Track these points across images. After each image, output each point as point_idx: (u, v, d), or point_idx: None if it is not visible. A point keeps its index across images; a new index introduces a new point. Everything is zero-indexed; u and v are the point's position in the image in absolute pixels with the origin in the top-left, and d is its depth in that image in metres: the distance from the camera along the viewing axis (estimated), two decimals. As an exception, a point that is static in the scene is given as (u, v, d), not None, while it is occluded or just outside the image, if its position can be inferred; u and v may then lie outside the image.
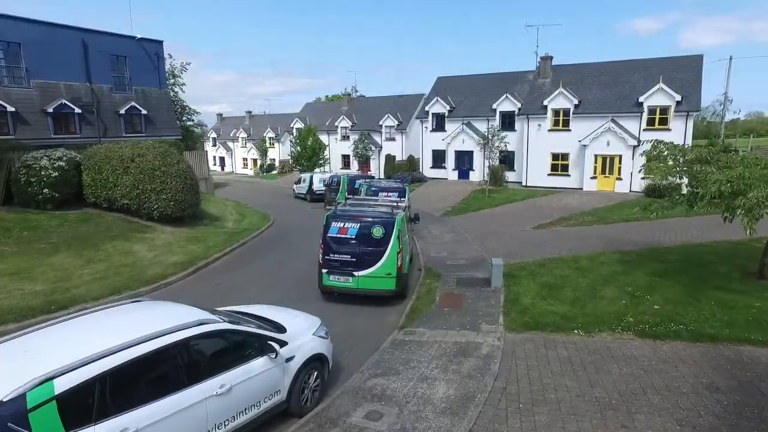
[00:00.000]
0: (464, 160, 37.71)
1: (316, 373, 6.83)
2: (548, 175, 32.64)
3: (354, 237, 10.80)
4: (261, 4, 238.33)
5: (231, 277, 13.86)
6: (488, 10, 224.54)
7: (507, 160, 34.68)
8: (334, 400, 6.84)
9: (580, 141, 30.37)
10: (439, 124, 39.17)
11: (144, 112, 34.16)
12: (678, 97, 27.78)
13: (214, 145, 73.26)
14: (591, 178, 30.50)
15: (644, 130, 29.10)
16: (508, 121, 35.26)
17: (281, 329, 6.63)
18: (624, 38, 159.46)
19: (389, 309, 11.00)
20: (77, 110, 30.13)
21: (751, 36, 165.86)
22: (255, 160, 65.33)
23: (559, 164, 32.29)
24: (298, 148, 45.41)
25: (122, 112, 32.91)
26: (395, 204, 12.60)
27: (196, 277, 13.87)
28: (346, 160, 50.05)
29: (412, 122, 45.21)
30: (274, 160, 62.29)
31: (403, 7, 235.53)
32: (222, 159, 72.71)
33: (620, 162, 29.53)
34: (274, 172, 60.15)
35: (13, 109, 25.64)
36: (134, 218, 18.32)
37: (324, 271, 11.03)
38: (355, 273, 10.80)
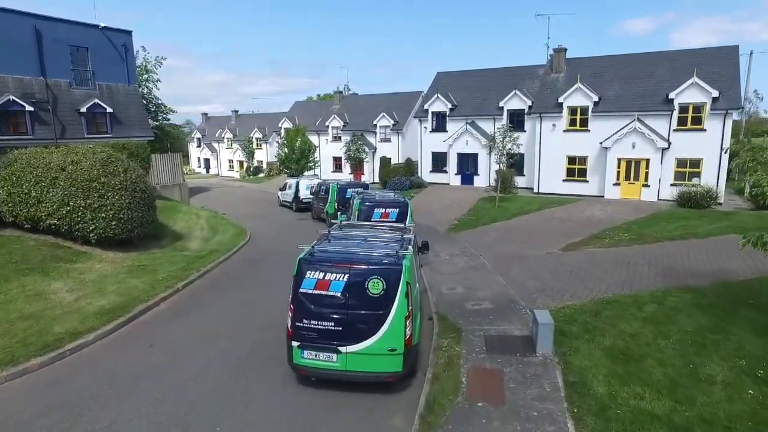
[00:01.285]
0: (468, 164, 34.08)
1: None
2: (563, 181, 29.09)
3: (340, 294, 7.10)
4: (261, 4, 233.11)
5: (172, 332, 10.08)
6: (489, 9, 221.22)
7: (516, 163, 31.10)
8: None
9: (601, 143, 26.85)
10: (440, 123, 35.52)
11: (109, 110, 30.42)
12: (715, 93, 24.33)
13: (199, 146, 69.25)
14: (613, 184, 26.99)
15: (674, 130, 25.63)
16: (516, 121, 31.69)
17: None
18: (617, 39, 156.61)
19: (393, 400, 7.33)
20: (29, 108, 26.38)
21: (742, 37, 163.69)
22: (241, 162, 61.40)
23: (576, 169, 28.75)
24: (286, 149, 41.62)
25: (84, 110, 29.19)
26: (400, 236, 8.86)
27: (125, 332, 10.09)
28: (337, 163, 46.30)
29: (410, 122, 41.56)
30: (261, 162, 58.43)
31: (403, 7, 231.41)
32: (207, 161, 68.66)
33: (647, 166, 26.02)
34: (261, 174, 56.32)
35: (-54, 107, 21.77)
36: (66, 242, 14.50)
37: (295, 344, 7.32)
38: (342, 348, 7.11)
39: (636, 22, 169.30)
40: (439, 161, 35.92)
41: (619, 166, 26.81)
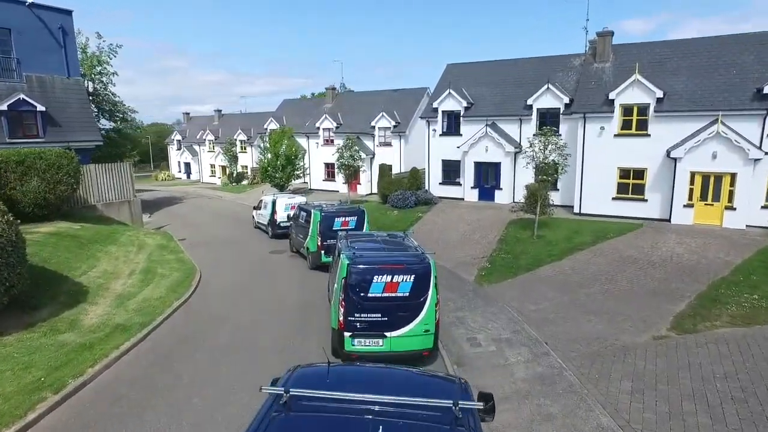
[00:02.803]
0: (488, 176, 27.71)
1: None
2: (613, 199, 22.80)
3: None
4: (260, 4, 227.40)
5: None
6: (489, 9, 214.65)
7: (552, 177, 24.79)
8: None
9: (668, 152, 20.57)
10: (452, 125, 29.21)
11: (41, 108, 24.20)
12: (829, 86, 18.16)
13: (179, 149, 62.79)
14: (684, 205, 20.67)
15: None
16: (550, 122, 25.42)
17: None
18: (616, 38, 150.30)
19: None
20: None
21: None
22: (224, 168, 54.93)
23: (631, 184, 22.45)
24: (269, 154, 35.12)
25: (4, 107, 23.02)
26: None
27: None
28: (329, 170, 39.92)
29: (414, 123, 35.26)
30: (246, 167, 51.97)
31: (403, 6, 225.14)
32: (187, 165, 62.17)
33: (732, 183, 19.75)
34: (245, 182, 49.87)
35: None
36: None
37: None
38: None
39: (634, 23, 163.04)
40: (451, 171, 29.56)
41: (692, 182, 20.47)
